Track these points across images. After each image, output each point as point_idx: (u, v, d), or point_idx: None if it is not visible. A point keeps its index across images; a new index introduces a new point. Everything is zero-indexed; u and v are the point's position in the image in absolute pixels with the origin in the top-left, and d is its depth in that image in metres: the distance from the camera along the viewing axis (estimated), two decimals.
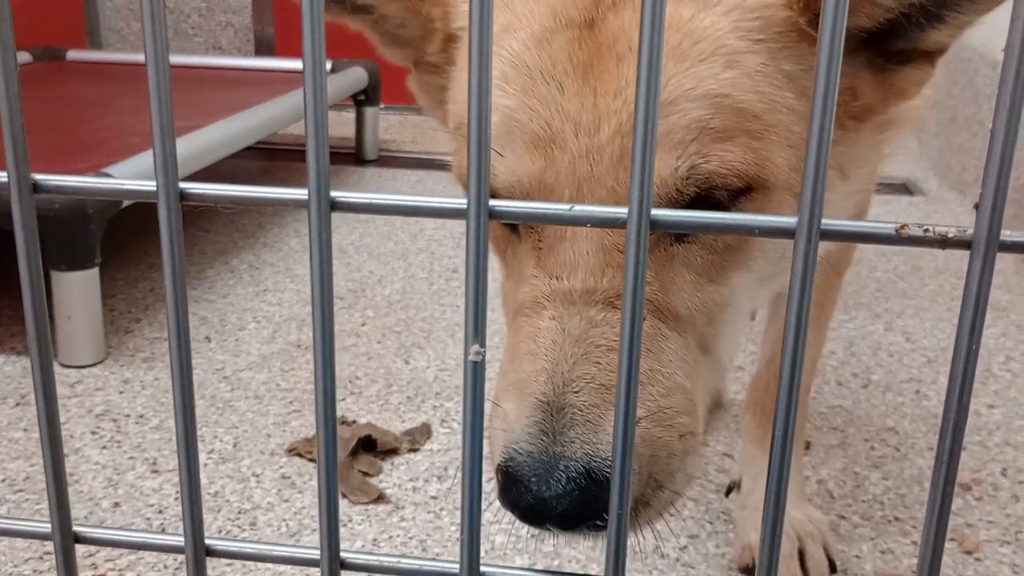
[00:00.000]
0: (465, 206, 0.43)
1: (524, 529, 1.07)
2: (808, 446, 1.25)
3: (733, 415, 1.32)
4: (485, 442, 0.56)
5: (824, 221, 0.42)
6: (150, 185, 0.45)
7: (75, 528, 0.52)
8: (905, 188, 2.48)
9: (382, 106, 2.70)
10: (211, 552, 0.50)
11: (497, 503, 1.11)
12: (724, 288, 0.66)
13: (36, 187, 0.46)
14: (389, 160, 2.65)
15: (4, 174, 0.46)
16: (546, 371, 0.59)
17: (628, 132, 0.60)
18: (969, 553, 1.06)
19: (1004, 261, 1.88)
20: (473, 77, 0.40)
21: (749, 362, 1.49)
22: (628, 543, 0.45)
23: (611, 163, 0.61)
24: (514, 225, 0.67)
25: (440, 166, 3.02)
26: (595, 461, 0.56)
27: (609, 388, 0.58)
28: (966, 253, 0.42)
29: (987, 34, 2.50)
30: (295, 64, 2.52)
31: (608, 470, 0.55)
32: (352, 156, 2.62)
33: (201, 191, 0.45)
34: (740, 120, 0.61)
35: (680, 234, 0.64)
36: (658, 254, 0.64)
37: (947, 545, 0.98)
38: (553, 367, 0.59)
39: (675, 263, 0.64)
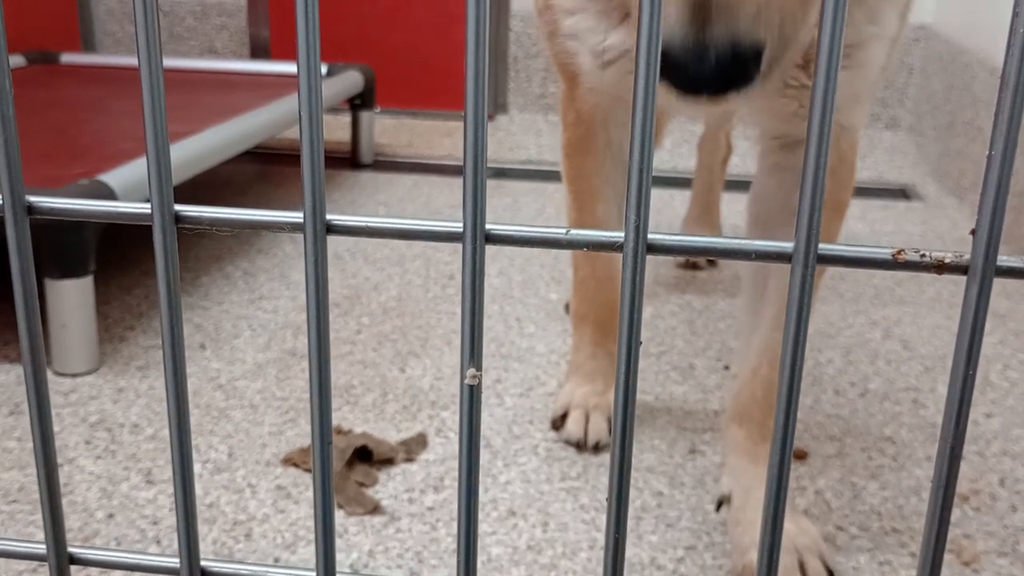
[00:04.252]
0: (461, 229, 0.43)
1: (521, 540, 1.07)
2: (805, 456, 1.25)
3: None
4: None
5: (821, 246, 0.42)
6: (145, 208, 0.45)
7: (70, 549, 0.51)
8: (903, 193, 2.48)
9: (378, 109, 2.69)
10: (206, 574, 0.50)
11: (494, 515, 1.10)
12: None
13: (31, 209, 0.46)
14: (385, 164, 2.65)
15: None
16: None
17: None
18: (967, 564, 1.06)
19: None
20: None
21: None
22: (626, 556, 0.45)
23: None
24: None
25: (436, 170, 3.00)
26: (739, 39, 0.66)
27: None
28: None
29: (985, 40, 2.49)
30: (291, 68, 2.52)
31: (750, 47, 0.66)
32: (348, 160, 2.62)
33: (197, 214, 0.45)
34: None
35: None
36: None
37: (945, 557, 0.98)
38: None
39: None
